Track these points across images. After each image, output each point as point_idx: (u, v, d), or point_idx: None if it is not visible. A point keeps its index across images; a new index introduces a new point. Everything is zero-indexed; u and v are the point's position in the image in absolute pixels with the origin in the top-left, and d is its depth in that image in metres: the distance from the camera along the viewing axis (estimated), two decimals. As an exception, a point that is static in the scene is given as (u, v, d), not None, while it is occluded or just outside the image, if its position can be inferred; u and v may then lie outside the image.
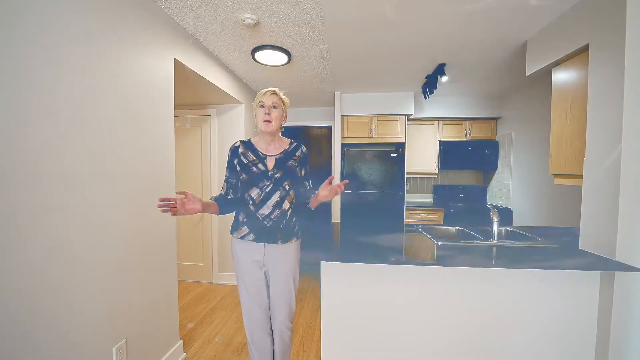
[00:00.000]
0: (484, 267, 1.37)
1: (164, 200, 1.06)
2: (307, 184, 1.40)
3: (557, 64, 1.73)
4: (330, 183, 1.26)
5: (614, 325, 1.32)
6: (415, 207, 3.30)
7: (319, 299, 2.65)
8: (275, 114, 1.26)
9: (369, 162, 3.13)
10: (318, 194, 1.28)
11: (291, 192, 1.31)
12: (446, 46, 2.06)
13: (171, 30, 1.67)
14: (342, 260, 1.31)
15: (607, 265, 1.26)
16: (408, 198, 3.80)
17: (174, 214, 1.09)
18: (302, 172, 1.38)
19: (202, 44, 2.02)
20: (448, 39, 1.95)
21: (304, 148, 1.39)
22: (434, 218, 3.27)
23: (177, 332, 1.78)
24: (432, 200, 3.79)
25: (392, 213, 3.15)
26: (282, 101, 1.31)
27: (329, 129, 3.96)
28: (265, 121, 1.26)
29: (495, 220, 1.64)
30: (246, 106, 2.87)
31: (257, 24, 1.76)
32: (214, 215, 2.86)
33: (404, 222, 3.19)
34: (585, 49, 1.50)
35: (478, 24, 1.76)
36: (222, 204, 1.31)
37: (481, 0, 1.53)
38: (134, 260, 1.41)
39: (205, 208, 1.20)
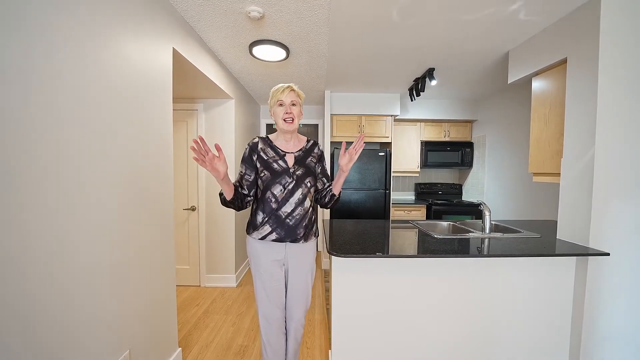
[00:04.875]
0: (485, 257, 1.49)
1: (201, 141, 1.03)
2: (324, 181, 1.41)
3: (537, 73, 1.93)
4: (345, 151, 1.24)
5: (587, 301, 1.52)
6: (400, 204, 3.45)
7: (313, 296, 2.67)
8: (295, 111, 1.25)
9: (357, 160, 3.20)
10: (340, 167, 1.25)
11: (312, 190, 1.31)
12: (439, 51, 2.19)
13: (170, 18, 1.57)
14: (354, 256, 1.34)
15: (584, 251, 1.45)
16: (392, 195, 3.96)
17: (197, 161, 1.05)
18: (320, 169, 1.38)
19: (198, 34, 1.91)
20: (442, 44, 2.07)
21: (321, 145, 1.40)
22: (417, 214, 3.45)
23: (176, 339, 1.68)
24: (413, 197, 3.99)
25: (379, 210, 3.26)
26: (299, 96, 1.29)
27: (315, 127, 3.97)
28: (286, 120, 1.24)
29: (487, 214, 1.80)
30: (236, 101, 2.77)
31: (261, 18, 1.71)
32: (202, 215, 2.74)
33: (391, 218, 3.33)
34: (563, 61, 1.70)
35: (470, 33, 1.89)
36: (238, 193, 1.24)
37: (478, 12, 1.65)
38: (131, 267, 1.30)
39: (225, 180, 1.15)
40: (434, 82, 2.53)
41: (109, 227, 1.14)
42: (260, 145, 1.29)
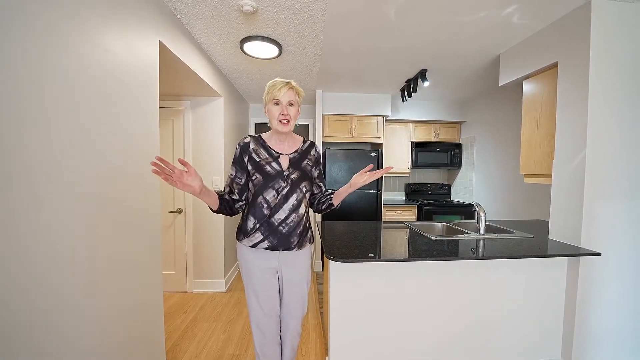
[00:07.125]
0: (485, 259, 1.49)
1: (161, 161, 0.90)
2: (321, 186, 1.34)
3: (528, 77, 1.96)
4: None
5: (579, 300, 1.55)
6: (391, 204, 3.45)
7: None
8: (292, 112, 1.16)
9: (350, 161, 3.18)
10: (353, 182, 1.20)
11: (307, 195, 1.24)
12: (433, 52, 2.18)
13: (156, 9, 1.46)
14: (354, 260, 1.30)
15: (576, 251, 1.48)
16: (383, 196, 3.96)
17: (167, 181, 0.94)
18: (317, 172, 1.32)
19: (186, 27, 1.81)
20: (435, 45, 2.07)
21: (318, 147, 1.34)
22: (409, 214, 3.47)
23: (164, 350, 1.58)
24: (403, 198, 4.01)
25: (371, 210, 3.25)
26: (298, 94, 1.20)
27: (306, 127, 3.91)
28: (281, 121, 1.15)
29: (482, 215, 1.80)
30: (225, 100, 2.67)
31: (254, 12, 1.64)
32: (189, 218, 2.62)
33: (382, 219, 3.32)
34: (554, 65, 1.73)
35: (464, 34, 1.90)
36: (224, 201, 1.17)
37: (474, 14, 1.66)
38: (114, 273, 1.20)
39: (203, 192, 1.05)
40: (426, 83, 2.54)
41: (88, 229, 1.04)
42: (252, 146, 1.20)
